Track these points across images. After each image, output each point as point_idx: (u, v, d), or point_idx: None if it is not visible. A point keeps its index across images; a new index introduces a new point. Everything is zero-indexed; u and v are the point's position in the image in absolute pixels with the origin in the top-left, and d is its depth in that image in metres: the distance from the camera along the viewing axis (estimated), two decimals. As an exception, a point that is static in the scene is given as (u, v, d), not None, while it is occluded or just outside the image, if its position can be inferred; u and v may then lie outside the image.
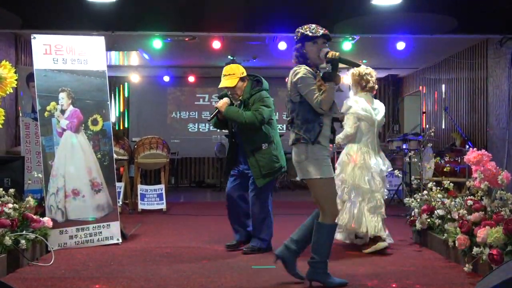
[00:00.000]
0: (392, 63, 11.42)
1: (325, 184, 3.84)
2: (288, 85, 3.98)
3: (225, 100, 5.03)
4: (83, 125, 5.70)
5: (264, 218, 5.11)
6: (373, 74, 5.41)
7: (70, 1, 6.87)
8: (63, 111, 5.65)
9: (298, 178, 4.07)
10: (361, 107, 5.29)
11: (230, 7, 7.07)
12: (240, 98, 5.06)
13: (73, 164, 5.60)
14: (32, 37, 5.65)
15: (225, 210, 5.35)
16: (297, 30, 4.08)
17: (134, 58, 10.81)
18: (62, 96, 5.65)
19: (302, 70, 3.89)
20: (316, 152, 3.84)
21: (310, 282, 3.92)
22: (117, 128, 12.30)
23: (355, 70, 5.32)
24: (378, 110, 5.43)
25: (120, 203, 7.71)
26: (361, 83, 5.39)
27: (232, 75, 5.00)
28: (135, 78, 12.73)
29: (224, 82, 5.01)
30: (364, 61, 11.05)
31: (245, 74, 5.11)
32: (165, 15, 7.10)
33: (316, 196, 3.90)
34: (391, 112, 13.52)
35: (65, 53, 5.71)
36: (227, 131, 5.38)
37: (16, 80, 4.58)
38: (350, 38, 8.51)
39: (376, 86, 5.46)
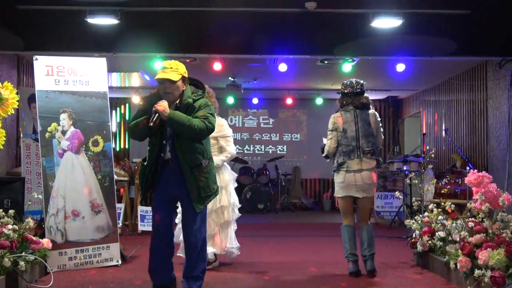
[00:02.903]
0: (392, 85, 11.47)
1: None
2: (371, 122, 5.41)
3: (165, 102, 4.00)
4: (84, 146, 5.71)
5: (201, 251, 4.17)
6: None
7: (72, 23, 6.93)
8: (64, 132, 5.66)
9: (360, 196, 5.27)
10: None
11: (231, 29, 7.13)
12: (177, 102, 4.09)
13: (73, 185, 5.59)
14: (34, 58, 5.69)
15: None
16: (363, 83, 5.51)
17: (135, 79, 10.87)
18: (63, 117, 5.68)
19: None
20: None
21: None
22: (117, 149, 12.31)
23: None
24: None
25: (120, 224, 7.69)
26: None
27: (176, 69, 4.03)
28: (136, 99, 12.79)
29: (167, 75, 3.99)
30: (364, 82, 11.09)
31: (187, 74, 4.15)
32: (166, 37, 7.16)
33: (369, 209, 5.41)
34: (391, 133, 13.54)
35: (66, 74, 5.74)
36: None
37: (17, 101, 4.60)
38: (350, 60, 8.57)
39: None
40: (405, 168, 9.14)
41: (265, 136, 13.57)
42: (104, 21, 6.78)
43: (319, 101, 12.60)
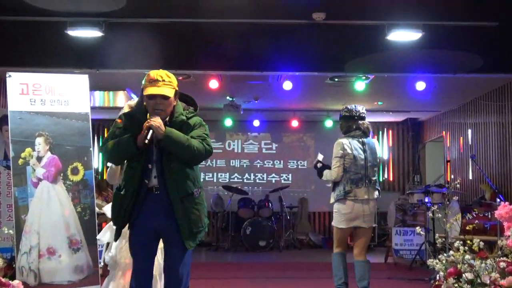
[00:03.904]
0: (411, 106, 11.51)
1: None
2: (375, 153, 5.77)
3: (158, 118, 3.82)
4: (62, 174, 5.71)
5: None
6: None
7: (50, 36, 6.99)
8: (39, 159, 5.67)
9: (366, 226, 5.65)
10: None
11: (229, 42, 7.19)
12: (166, 119, 3.91)
13: (49, 219, 5.58)
14: (7, 75, 5.73)
15: (219, 271, 5.29)
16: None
17: (121, 98, 10.91)
18: (39, 141, 5.69)
19: None
20: None
21: None
22: (100, 178, 12.30)
23: None
24: None
25: (102, 264, 7.64)
26: None
27: (169, 83, 3.86)
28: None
29: (160, 89, 3.82)
30: (379, 103, 11.16)
31: (177, 88, 4.00)
32: (156, 51, 7.22)
33: (369, 240, 5.76)
34: (410, 160, 13.54)
35: (43, 93, 5.77)
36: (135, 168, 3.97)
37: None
38: (364, 77, 8.61)
39: None
40: (426, 200, 9.11)
41: (268, 163, 13.58)
42: (86, 33, 6.84)
43: (328, 123, 12.63)
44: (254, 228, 11.71)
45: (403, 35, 6.88)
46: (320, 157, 6.01)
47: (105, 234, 4.81)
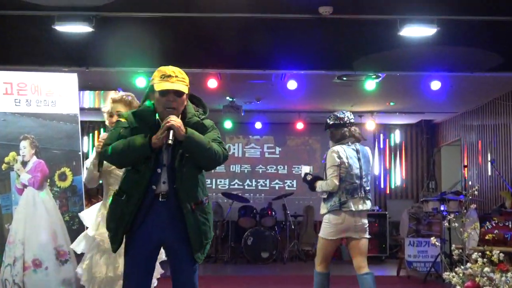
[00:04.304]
0: (426, 107, 11.50)
1: None
2: (368, 161, 5.95)
3: (177, 118, 3.75)
4: (49, 180, 5.71)
5: None
6: None
7: (36, 31, 7.00)
8: (24, 163, 5.67)
9: (358, 236, 5.80)
10: None
11: (229, 39, 7.19)
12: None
13: (34, 228, 5.57)
14: (-10, 74, 5.75)
15: (218, 285, 5.28)
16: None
17: (112, 99, 10.92)
18: (24, 144, 5.69)
19: None
20: None
21: None
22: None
23: None
24: None
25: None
26: None
27: (182, 79, 3.82)
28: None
29: (174, 85, 3.77)
30: (391, 103, 11.15)
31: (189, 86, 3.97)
32: (150, 48, 7.22)
33: (367, 252, 5.81)
34: (425, 165, 13.53)
35: (29, 93, 5.78)
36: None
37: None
38: (374, 76, 8.61)
39: None
40: (442, 209, 9.09)
41: (271, 168, 13.57)
42: (75, 28, 6.85)
43: (336, 126, 12.61)
44: (256, 238, 11.69)
45: (417, 31, 6.88)
46: (306, 169, 6.13)
47: (80, 244, 4.70)
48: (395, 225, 12.08)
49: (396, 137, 13.71)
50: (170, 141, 3.60)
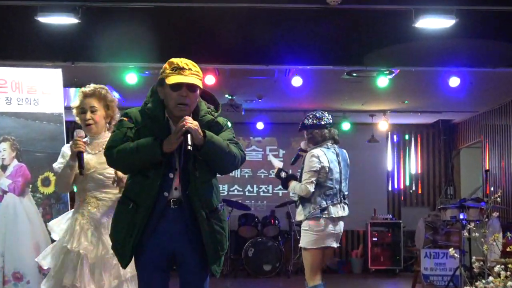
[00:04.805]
0: (444, 105, 11.51)
1: None
2: (347, 165, 6.15)
3: (190, 118, 3.69)
4: (31, 186, 5.71)
5: None
6: None
7: (17, 23, 6.99)
8: (4, 167, 5.67)
9: (335, 245, 6.12)
10: None
11: (228, 31, 7.19)
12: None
13: (15, 238, 5.57)
14: (-34, 69, 5.75)
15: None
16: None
17: (100, 97, 10.93)
18: (4, 147, 5.69)
19: None
20: None
21: None
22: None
23: None
24: None
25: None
26: None
27: (196, 73, 3.78)
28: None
29: (188, 78, 3.71)
30: (405, 102, 11.15)
31: None
32: (142, 41, 7.21)
33: None
34: (442, 170, 13.52)
35: (9, 91, 5.78)
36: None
37: None
38: (387, 72, 8.61)
39: None
40: (462, 217, 9.09)
41: (274, 173, 13.54)
42: (60, 20, 6.84)
43: (345, 126, 12.63)
44: (257, 249, 11.70)
45: (433, 22, 6.87)
46: (278, 163, 6.34)
47: (46, 258, 4.55)
48: (410, 235, 12.08)
49: (411, 138, 13.71)
50: (190, 147, 3.55)
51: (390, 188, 13.62)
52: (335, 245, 6.06)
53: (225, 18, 7.10)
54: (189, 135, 3.56)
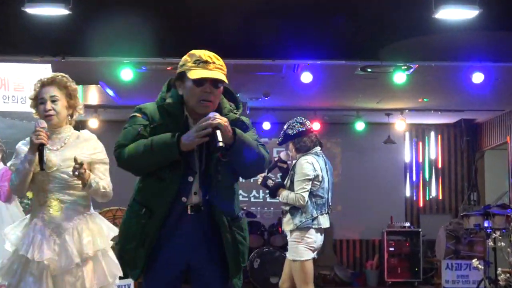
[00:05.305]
0: (466, 104, 11.49)
1: None
2: (332, 174, 6.30)
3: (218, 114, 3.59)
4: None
5: None
6: None
7: (2, 15, 7.02)
8: (-11, 171, 5.69)
9: (316, 257, 6.20)
10: None
11: (231, 23, 7.20)
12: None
13: (1, 247, 5.59)
14: None
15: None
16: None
17: (93, 95, 10.94)
18: (-12, 149, 5.71)
19: None
20: None
21: None
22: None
23: None
24: None
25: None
26: None
27: (220, 67, 3.67)
28: (94, 123, 12.85)
29: (213, 73, 3.62)
30: (425, 99, 11.14)
31: None
32: (139, 34, 7.23)
33: None
34: (465, 174, 13.48)
35: (-6, 88, 5.80)
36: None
37: None
38: (404, 67, 8.60)
39: None
40: (486, 225, 9.07)
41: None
42: (49, 11, 6.85)
43: (359, 126, 12.62)
44: (263, 260, 11.69)
45: (455, 13, 6.86)
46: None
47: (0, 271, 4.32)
48: (430, 245, 12.06)
49: (431, 139, 13.69)
50: (221, 144, 3.41)
51: (408, 194, 13.58)
52: (315, 256, 6.26)
53: (228, 8, 7.11)
54: (218, 132, 3.44)
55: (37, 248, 4.11)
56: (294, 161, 6.25)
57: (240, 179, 3.88)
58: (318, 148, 6.23)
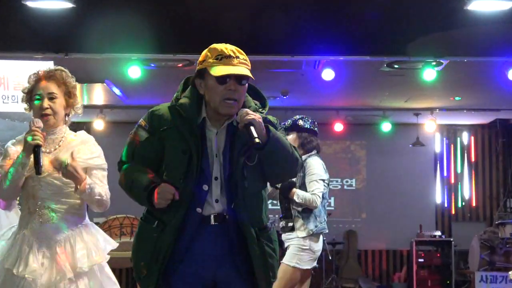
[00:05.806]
0: (502, 102, 11.45)
1: None
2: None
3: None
4: (18, 198, 5.76)
5: None
6: None
7: (2, 9, 7.05)
8: (-13, 177, 5.72)
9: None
10: None
11: (244, 14, 7.20)
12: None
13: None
14: None
15: None
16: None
17: (98, 94, 10.99)
18: (-13, 152, 5.75)
19: None
20: None
21: None
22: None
23: None
24: None
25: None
26: None
27: (245, 62, 3.56)
28: (99, 124, 12.91)
29: (238, 69, 3.50)
30: (457, 98, 11.11)
31: None
32: (146, 30, 7.25)
33: None
34: (501, 178, 13.43)
35: (-7, 88, 5.84)
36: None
37: None
38: (434, 63, 8.59)
39: None
40: (524, 234, 9.07)
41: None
42: (51, 4, 6.89)
43: (385, 127, 12.61)
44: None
45: (489, 5, 6.87)
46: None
47: None
48: (463, 256, 12.04)
49: (464, 141, 13.66)
50: (257, 139, 3.29)
51: (438, 200, 13.54)
52: (317, 266, 6.51)
53: (243, 2, 7.12)
54: (252, 128, 3.32)
55: (23, 261, 4.00)
56: None
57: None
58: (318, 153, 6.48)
